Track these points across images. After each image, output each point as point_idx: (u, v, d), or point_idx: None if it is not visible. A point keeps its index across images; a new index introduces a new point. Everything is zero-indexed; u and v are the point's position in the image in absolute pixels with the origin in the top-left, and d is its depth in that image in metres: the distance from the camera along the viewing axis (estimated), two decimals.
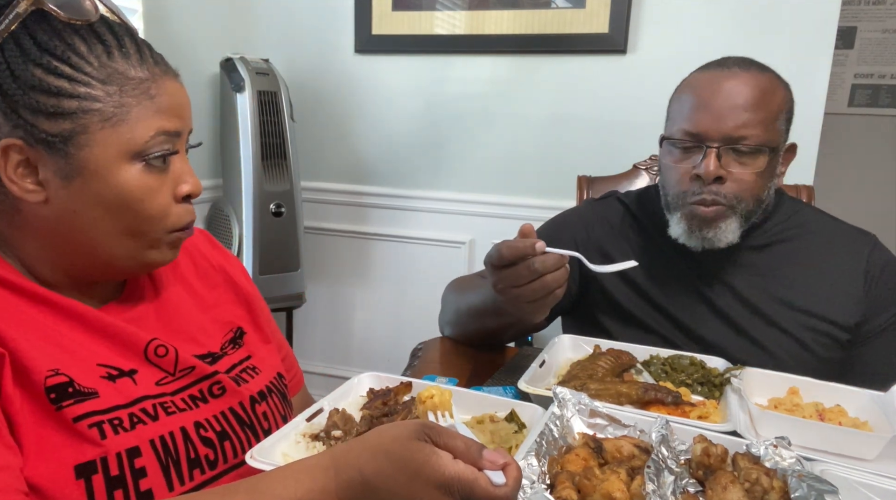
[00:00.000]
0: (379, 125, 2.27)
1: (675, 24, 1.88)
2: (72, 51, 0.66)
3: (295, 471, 0.58)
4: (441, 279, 1.45)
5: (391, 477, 0.55)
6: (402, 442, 0.55)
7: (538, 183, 2.11)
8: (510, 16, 2.01)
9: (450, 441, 0.56)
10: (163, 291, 0.84)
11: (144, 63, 0.70)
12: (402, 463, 0.54)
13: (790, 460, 0.72)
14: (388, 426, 0.59)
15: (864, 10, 3.25)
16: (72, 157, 0.66)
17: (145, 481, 0.67)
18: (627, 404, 0.92)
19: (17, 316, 0.67)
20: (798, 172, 1.76)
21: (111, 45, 0.68)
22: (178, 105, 0.72)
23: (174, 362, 0.76)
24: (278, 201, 2.10)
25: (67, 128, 0.65)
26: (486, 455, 0.55)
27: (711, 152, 1.07)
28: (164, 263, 0.77)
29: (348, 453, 0.58)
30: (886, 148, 3.30)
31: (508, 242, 0.93)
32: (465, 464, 0.54)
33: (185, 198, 0.75)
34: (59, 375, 0.66)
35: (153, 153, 0.69)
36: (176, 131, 0.72)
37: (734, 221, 1.10)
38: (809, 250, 1.18)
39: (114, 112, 0.67)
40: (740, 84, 1.07)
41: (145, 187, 0.70)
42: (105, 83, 0.67)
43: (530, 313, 0.98)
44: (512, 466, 0.56)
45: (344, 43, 2.23)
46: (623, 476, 0.67)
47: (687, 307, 1.19)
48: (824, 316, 1.13)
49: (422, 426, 0.56)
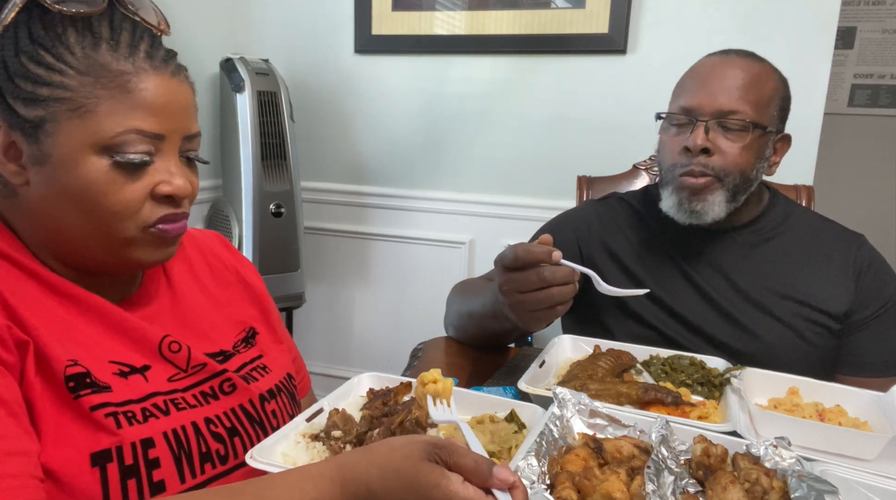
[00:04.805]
0: (379, 125, 2.27)
1: (675, 24, 1.88)
2: (59, 41, 0.66)
3: (299, 479, 0.57)
4: (441, 279, 1.46)
5: (399, 495, 0.54)
6: (412, 462, 0.55)
7: (538, 183, 2.11)
8: (510, 16, 2.01)
9: (460, 461, 0.55)
10: (177, 288, 0.84)
11: (133, 57, 0.67)
12: (411, 484, 0.54)
13: (790, 460, 0.72)
14: (399, 442, 0.58)
15: (863, 10, 3.25)
16: (42, 143, 0.66)
17: (158, 472, 0.68)
18: (627, 405, 0.92)
19: (38, 306, 0.68)
20: (798, 172, 1.76)
21: (101, 36, 0.67)
22: (164, 104, 0.69)
23: (187, 359, 0.77)
24: (278, 201, 2.10)
25: (39, 114, 0.66)
26: (497, 474, 0.54)
27: (700, 125, 1.13)
28: (154, 261, 0.75)
29: (356, 465, 0.57)
30: (886, 148, 3.30)
31: (525, 246, 0.94)
32: (474, 489, 0.54)
33: (167, 198, 0.71)
34: (78, 365, 0.67)
35: (124, 153, 0.67)
36: (155, 133, 0.68)
37: (721, 194, 1.15)
38: (802, 246, 1.23)
39: (83, 103, 0.65)
40: (735, 67, 1.14)
41: (109, 182, 0.67)
42: (82, 74, 0.66)
43: (529, 321, 0.98)
44: (520, 489, 0.55)
45: (344, 43, 2.23)
46: (623, 477, 0.67)
47: (683, 299, 1.22)
48: (816, 306, 1.18)
49: (432, 445, 0.56)
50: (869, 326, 1.18)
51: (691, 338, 1.20)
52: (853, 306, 1.18)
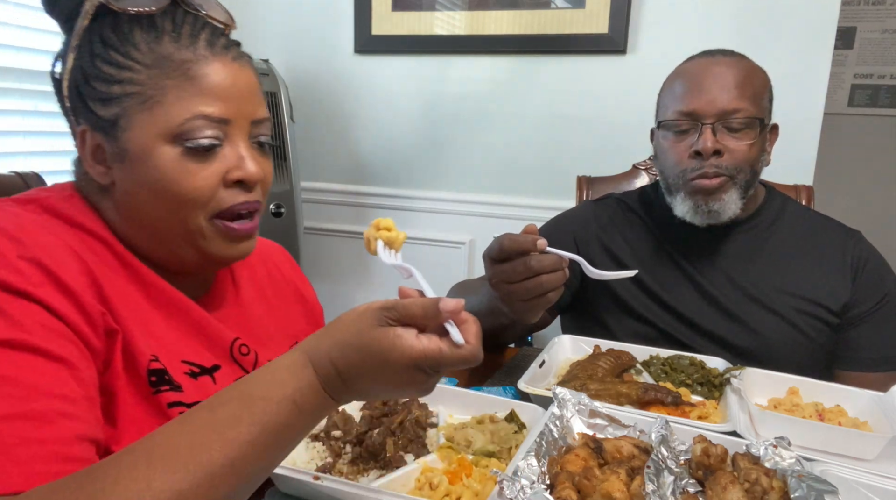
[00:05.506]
0: (379, 125, 2.27)
1: (674, 24, 1.88)
2: (126, 40, 0.69)
3: (274, 372, 0.57)
4: (441, 279, 1.45)
5: (363, 368, 0.56)
6: (366, 332, 0.56)
7: (538, 183, 2.11)
8: (510, 16, 2.01)
9: (407, 312, 0.56)
10: (242, 294, 0.87)
11: (193, 45, 0.70)
12: (369, 353, 0.55)
13: (790, 460, 0.72)
14: (351, 316, 0.58)
15: (863, 10, 3.25)
16: (119, 140, 0.69)
17: None
18: (627, 405, 0.92)
19: (128, 297, 0.70)
20: (798, 173, 1.76)
21: (164, 30, 0.70)
22: (227, 88, 0.71)
23: (254, 363, 0.79)
24: (278, 201, 2.10)
25: (114, 112, 0.69)
26: (443, 307, 0.55)
27: (707, 128, 1.13)
28: (230, 257, 0.77)
29: (318, 350, 0.57)
30: (886, 148, 3.30)
31: (510, 235, 0.94)
32: (427, 338, 0.55)
33: (238, 183, 0.73)
34: (158, 362, 0.69)
35: (193, 139, 0.69)
36: (221, 117, 0.70)
37: (735, 193, 1.16)
38: (798, 241, 1.24)
39: (151, 94, 0.68)
40: (727, 67, 1.15)
41: (181, 170, 0.69)
42: (148, 67, 0.69)
43: (522, 312, 0.98)
44: (469, 321, 0.57)
45: (344, 43, 2.23)
46: (623, 476, 0.67)
47: (682, 295, 1.23)
48: (815, 300, 1.18)
49: (382, 310, 0.56)
50: (867, 321, 1.18)
51: (691, 335, 1.20)
52: (851, 301, 1.18)
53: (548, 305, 0.95)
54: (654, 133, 1.25)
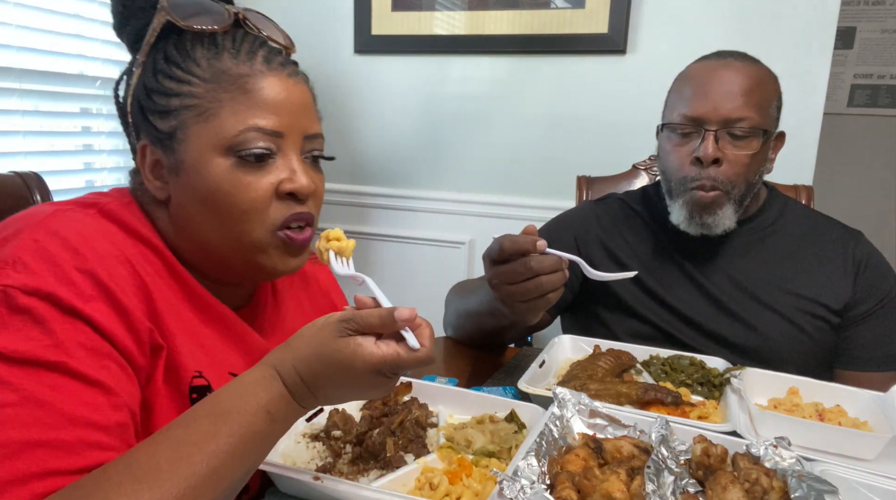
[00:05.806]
0: (379, 125, 2.26)
1: (674, 24, 1.88)
2: (188, 56, 0.71)
3: (244, 386, 0.60)
4: (441, 279, 1.46)
5: (327, 376, 0.60)
6: (327, 344, 0.60)
7: (538, 183, 2.10)
8: (510, 16, 2.01)
9: (366, 323, 0.60)
10: (280, 303, 0.88)
11: (251, 60, 0.72)
12: (333, 363, 0.60)
13: (790, 460, 0.72)
14: (311, 330, 0.62)
15: (863, 10, 3.25)
16: (175, 152, 0.71)
17: None
18: (627, 405, 0.92)
19: (176, 310, 0.71)
20: (798, 173, 1.76)
21: (224, 47, 0.72)
22: (281, 102, 0.72)
23: None
24: None
25: (172, 125, 0.70)
26: (398, 316, 0.60)
27: (710, 135, 1.12)
28: (287, 270, 0.77)
29: (283, 361, 0.61)
30: (886, 148, 3.30)
31: (510, 236, 0.94)
32: (385, 344, 0.60)
33: (291, 196, 0.73)
34: (201, 378, 0.70)
35: (246, 149, 0.70)
36: (274, 130, 0.71)
37: (730, 208, 1.16)
38: (800, 241, 1.24)
39: (208, 107, 0.70)
40: (736, 72, 1.13)
41: (234, 181, 0.70)
42: (206, 81, 0.70)
43: (522, 313, 0.98)
44: (423, 326, 0.62)
45: (343, 43, 2.23)
46: (623, 476, 0.67)
47: (683, 295, 1.23)
48: (816, 299, 1.19)
49: (341, 321, 0.60)
50: (867, 320, 1.19)
51: (692, 334, 1.20)
52: (852, 300, 1.18)
53: (548, 305, 0.96)
54: (660, 132, 1.25)
